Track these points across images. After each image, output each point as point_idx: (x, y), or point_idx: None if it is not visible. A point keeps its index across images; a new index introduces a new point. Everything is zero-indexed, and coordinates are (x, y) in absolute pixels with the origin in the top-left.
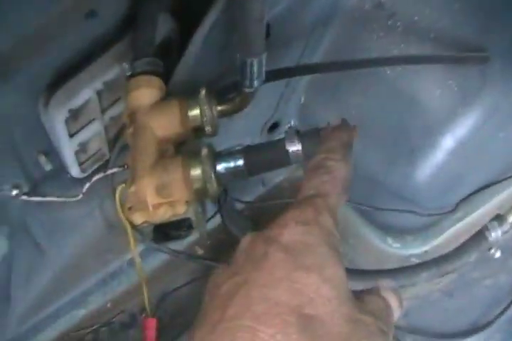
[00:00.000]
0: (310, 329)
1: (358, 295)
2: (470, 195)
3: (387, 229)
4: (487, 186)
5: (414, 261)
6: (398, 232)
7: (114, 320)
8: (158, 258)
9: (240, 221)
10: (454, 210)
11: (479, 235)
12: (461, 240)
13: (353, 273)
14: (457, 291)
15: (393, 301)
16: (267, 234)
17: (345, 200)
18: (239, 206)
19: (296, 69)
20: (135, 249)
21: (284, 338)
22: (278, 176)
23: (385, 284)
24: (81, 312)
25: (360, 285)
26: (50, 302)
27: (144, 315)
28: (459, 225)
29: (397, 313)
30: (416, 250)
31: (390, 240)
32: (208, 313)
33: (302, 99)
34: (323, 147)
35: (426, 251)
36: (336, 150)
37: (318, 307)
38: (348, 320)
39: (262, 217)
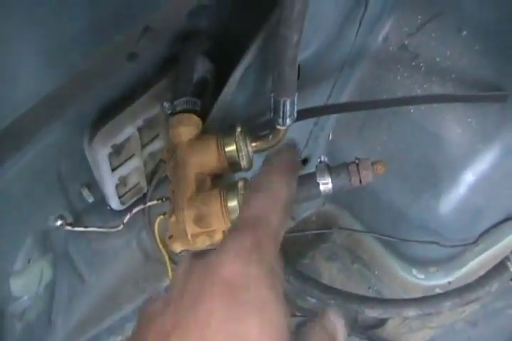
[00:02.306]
0: None
1: (298, 330)
2: (491, 227)
3: (412, 261)
4: (508, 219)
5: (439, 291)
6: (422, 263)
7: None
8: None
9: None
10: (476, 242)
11: (501, 266)
12: (484, 271)
13: (380, 302)
14: (481, 321)
15: (340, 326)
16: (207, 263)
17: (289, 224)
18: None
19: (325, 108)
20: (172, 278)
21: None
22: (306, 210)
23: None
24: (118, 339)
25: (386, 314)
26: (89, 328)
27: None
28: (482, 257)
29: (343, 337)
30: (440, 281)
31: (414, 271)
32: None
33: (330, 136)
34: (264, 168)
35: (449, 282)
36: (278, 172)
37: None
38: None
39: (291, 248)
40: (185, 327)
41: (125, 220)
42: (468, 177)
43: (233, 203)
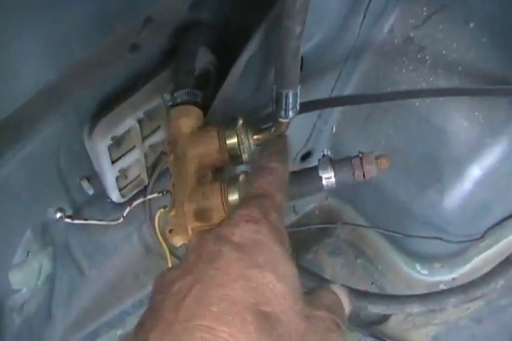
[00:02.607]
0: (268, 328)
1: (310, 292)
2: (497, 223)
3: (416, 256)
4: None
5: (443, 287)
6: (426, 259)
7: None
8: None
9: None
10: (481, 238)
11: (506, 262)
12: (489, 268)
13: (383, 298)
14: (485, 318)
15: (343, 296)
16: (218, 232)
17: (291, 218)
18: None
19: (329, 101)
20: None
21: (244, 337)
22: (309, 204)
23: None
24: (118, 333)
25: (389, 310)
26: (89, 322)
27: None
28: (487, 253)
29: (348, 307)
30: (444, 277)
31: (418, 267)
32: (161, 314)
33: (334, 129)
34: (266, 151)
35: (454, 278)
36: (278, 154)
37: (274, 305)
38: (304, 317)
39: (293, 243)
40: (203, 284)
41: (125, 213)
42: (474, 171)
43: (234, 197)
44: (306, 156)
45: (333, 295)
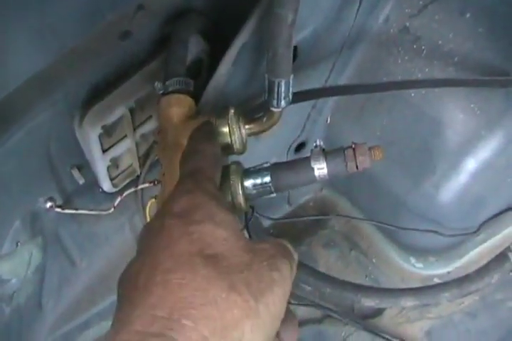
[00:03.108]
0: (214, 264)
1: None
2: (493, 216)
3: (411, 250)
4: (510, 208)
5: (437, 281)
6: (421, 253)
7: None
8: None
9: (266, 237)
10: (476, 232)
11: (502, 257)
12: (484, 262)
13: (376, 291)
14: (480, 312)
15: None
16: (160, 210)
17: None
18: (265, 224)
19: (323, 90)
20: None
21: (192, 276)
22: (303, 196)
23: None
24: (109, 324)
25: (383, 304)
26: (80, 312)
27: None
28: (482, 247)
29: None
30: (439, 271)
31: (413, 260)
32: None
33: (328, 120)
34: (190, 138)
35: (448, 272)
36: (202, 135)
37: (218, 247)
38: (247, 250)
39: (287, 234)
40: (154, 249)
41: (116, 203)
42: (470, 164)
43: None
44: (300, 147)
45: (276, 240)
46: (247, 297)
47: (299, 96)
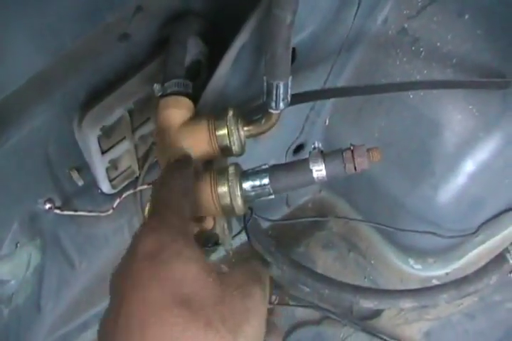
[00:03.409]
0: (187, 305)
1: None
2: (491, 218)
3: (409, 251)
4: (509, 209)
5: (436, 282)
6: (419, 254)
7: None
8: None
9: (264, 239)
10: (475, 233)
11: (500, 258)
12: (483, 263)
13: (375, 292)
14: (479, 314)
15: (259, 266)
16: (126, 253)
17: (191, 205)
18: (264, 225)
19: (321, 92)
20: None
21: (168, 324)
22: (302, 197)
23: None
24: None
25: (381, 305)
26: (78, 314)
27: None
28: (481, 248)
29: (266, 276)
30: (437, 272)
31: (411, 261)
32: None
33: (327, 122)
34: (163, 170)
35: (447, 273)
36: (174, 169)
37: (189, 286)
38: (218, 283)
39: (285, 236)
40: (125, 302)
41: (115, 204)
42: (468, 166)
43: (223, 189)
44: (298, 148)
45: (246, 264)
46: (224, 333)
47: (297, 98)
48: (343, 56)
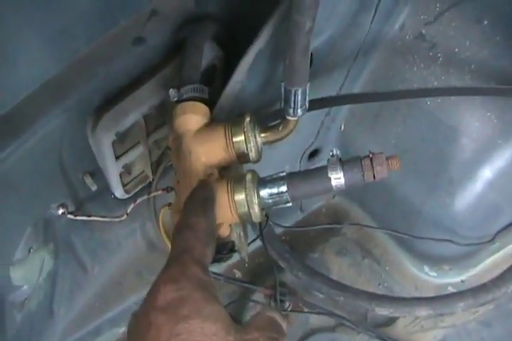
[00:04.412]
0: None
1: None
2: (508, 225)
3: (424, 258)
4: None
5: (451, 289)
6: (435, 261)
7: None
8: None
9: (279, 245)
10: (492, 240)
11: None
12: (499, 270)
13: (390, 300)
14: (494, 321)
15: (277, 315)
16: (145, 304)
17: (213, 248)
18: (278, 231)
19: (339, 98)
20: None
21: None
22: (316, 203)
23: None
24: (121, 330)
25: (397, 313)
26: (91, 319)
27: None
28: (497, 255)
29: (284, 324)
30: (452, 279)
31: (426, 268)
32: None
33: (342, 127)
34: (183, 208)
35: (463, 281)
36: (195, 208)
37: None
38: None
39: (300, 241)
40: None
41: (129, 210)
42: (486, 173)
43: (241, 196)
44: (313, 154)
45: (266, 316)
46: None
47: (314, 104)
48: (360, 61)
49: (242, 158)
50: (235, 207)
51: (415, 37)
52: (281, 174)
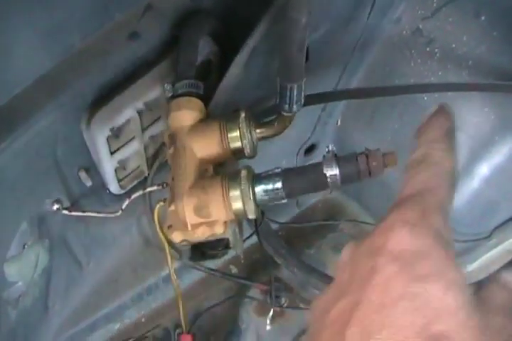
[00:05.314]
0: None
1: (480, 288)
2: (505, 222)
3: None
4: None
5: None
6: None
7: (148, 334)
8: (193, 276)
9: (275, 241)
10: (489, 237)
11: None
12: (496, 267)
13: None
14: None
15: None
16: (371, 243)
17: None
18: (274, 226)
19: (335, 94)
20: (172, 267)
21: None
22: (312, 198)
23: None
24: (116, 326)
25: None
26: (86, 315)
27: (178, 331)
28: (494, 251)
29: None
30: None
31: None
32: None
33: (339, 122)
34: (423, 138)
35: None
36: (439, 140)
37: (445, 321)
38: (480, 333)
39: (296, 236)
40: (361, 308)
41: (124, 206)
42: (483, 169)
43: (235, 193)
44: (310, 149)
45: (503, 291)
46: None
47: (310, 100)
48: (357, 56)
49: (238, 154)
50: (229, 203)
51: (412, 32)
52: (277, 170)
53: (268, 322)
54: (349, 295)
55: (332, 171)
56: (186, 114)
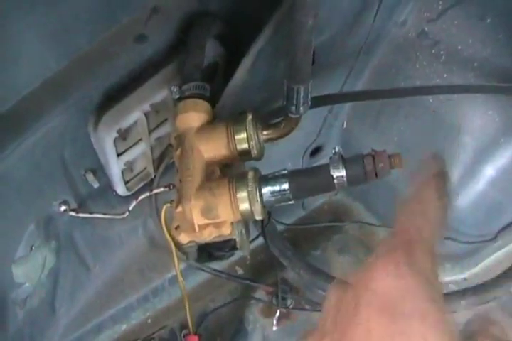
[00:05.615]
0: None
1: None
2: (511, 223)
3: None
4: None
5: (453, 287)
6: None
7: (154, 335)
8: (199, 277)
9: (281, 243)
10: (494, 238)
11: None
12: (501, 268)
13: None
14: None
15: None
16: (357, 280)
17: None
18: (279, 227)
19: (341, 96)
20: (178, 268)
21: None
22: (318, 200)
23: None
24: (123, 328)
25: None
26: (93, 316)
27: (184, 332)
28: (499, 253)
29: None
30: (455, 277)
31: None
32: None
33: (344, 124)
34: (416, 193)
35: (465, 279)
36: (429, 190)
37: None
38: None
39: (301, 238)
40: None
41: (131, 207)
42: (488, 171)
43: (243, 194)
44: (316, 151)
45: (492, 325)
46: None
47: (317, 102)
48: (362, 59)
49: (244, 155)
50: (236, 204)
51: (418, 34)
52: (283, 172)
53: (274, 323)
54: (333, 334)
55: (339, 173)
56: (193, 116)
